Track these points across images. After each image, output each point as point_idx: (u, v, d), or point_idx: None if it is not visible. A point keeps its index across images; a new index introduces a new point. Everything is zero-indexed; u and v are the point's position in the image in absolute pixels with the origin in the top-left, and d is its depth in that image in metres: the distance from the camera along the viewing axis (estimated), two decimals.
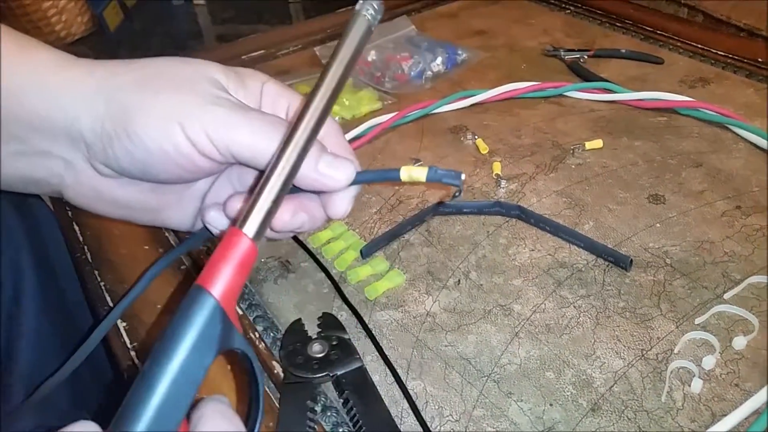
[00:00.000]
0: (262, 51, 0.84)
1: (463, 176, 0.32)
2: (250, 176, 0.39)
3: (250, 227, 0.28)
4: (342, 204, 0.35)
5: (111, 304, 0.47)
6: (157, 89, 0.32)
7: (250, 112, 0.33)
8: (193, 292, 0.26)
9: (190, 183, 0.38)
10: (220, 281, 0.26)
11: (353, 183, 0.35)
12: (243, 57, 0.83)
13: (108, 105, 0.32)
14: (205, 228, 0.39)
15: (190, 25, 3.11)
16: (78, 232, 0.55)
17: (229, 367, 0.41)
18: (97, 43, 2.84)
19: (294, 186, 0.33)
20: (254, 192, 0.30)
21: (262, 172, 0.31)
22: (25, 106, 0.32)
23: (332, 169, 0.33)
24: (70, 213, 0.57)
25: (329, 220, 0.37)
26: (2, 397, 0.47)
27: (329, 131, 0.36)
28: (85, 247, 0.53)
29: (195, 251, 0.50)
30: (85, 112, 0.32)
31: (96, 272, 0.51)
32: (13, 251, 0.52)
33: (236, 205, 0.36)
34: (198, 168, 0.33)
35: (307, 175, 0.33)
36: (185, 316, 0.25)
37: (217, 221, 0.37)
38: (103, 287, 0.49)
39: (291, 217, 0.35)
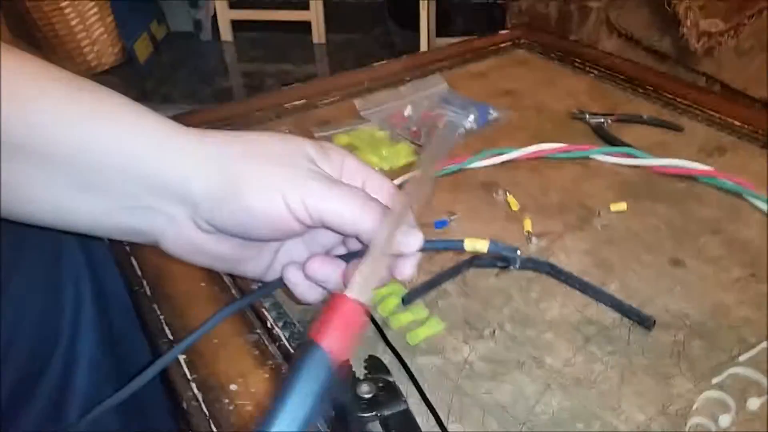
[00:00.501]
0: (304, 100, 0.89)
1: (519, 251, 0.37)
2: (321, 237, 0.44)
3: (355, 291, 0.33)
4: (410, 267, 0.40)
5: (170, 337, 0.51)
6: (263, 161, 0.37)
7: (340, 185, 0.38)
8: (312, 348, 0.30)
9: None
10: (332, 339, 0.30)
11: (422, 250, 0.39)
12: (285, 105, 0.88)
13: (220, 171, 0.37)
14: (281, 280, 0.43)
15: (217, 61, 3.21)
16: (136, 266, 0.59)
17: None
18: (127, 74, 2.93)
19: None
20: (361, 262, 0.35)
21: (363, 245, 0.37)
22: (141, 168, 0.36)
23: (408, 237, 0.39)
24: (128, 248, 0.62)
25: (393, 280, 0.42)
26: (58, 423, 0.51)
27: (396, 203, 0.41)
28: (144, 281, 0.57)
29: (247, 290, 0.55)
30: (198, 176, 0.37)
31: (155, 306, 0.55)
32: (74, 282, 0.56)
33: (315, 266, 0.41)
34: (290, 230, 0.38)
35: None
36: (305, 369, 0.29)
37: (296, 277, 0.42)
38: (162, 320, 0.53)
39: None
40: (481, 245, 0.38)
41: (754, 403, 0.44)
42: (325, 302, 0.34)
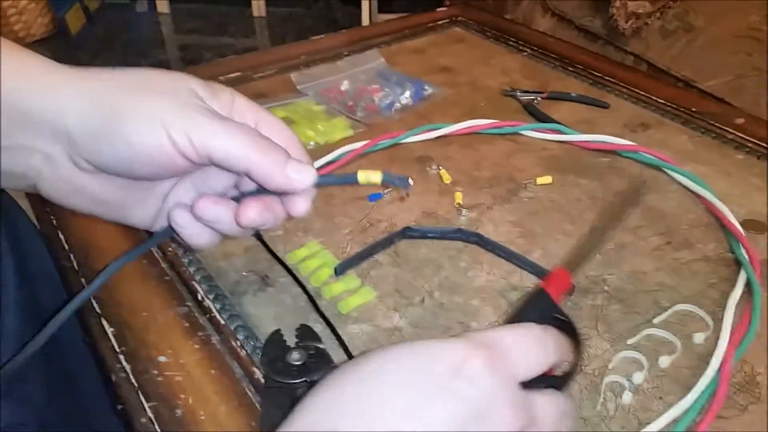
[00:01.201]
0: (239, 73, 0.88)
1: (411, 181, 0.38)
2: (212, 180, 0.42)
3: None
4: (303, 203, 0.40)
5: (99, 311, 0.51)
6: (143, 93, 0.35)
7: (227, 120, 0.37)
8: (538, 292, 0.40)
9: (157, 182, 0.41)
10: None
11: (317, 185, 0.39)
12: (220, 78, 0.87)
13: (95, 103, 0.35)
14: (170, 227, 0.41)
15: (154, 33, 3.12)
16: (63, 240, 0.58)
17: (212, 372, 0.45)
18: (58, 46, 2.82)
19: (261, 188, 0.38)
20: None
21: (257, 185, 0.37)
22: (12, 104, 0.34)
23: (298, 173, 0.37)
24: (54, 221, 0.60)
25: (289, 218, 0.41)
26: None
27: (290, 143, 0.40)
28: (71, 255, 0.56)
29: (177, 264, 0.54)
30: (73, 109, 0.34)
31: (83, 280, 0.54)
32: None
33: (205, 205, 0.38)
34: (176, 167, 0.36)
35: (276, 178, 0.37)
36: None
37: (183, 219, 0.40)
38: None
39: (258, 215, 0.39)
40: (375, 177, 0.38)
41: (664, 361, 0.47)
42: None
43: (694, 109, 0.79)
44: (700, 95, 0.84)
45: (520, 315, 0.40)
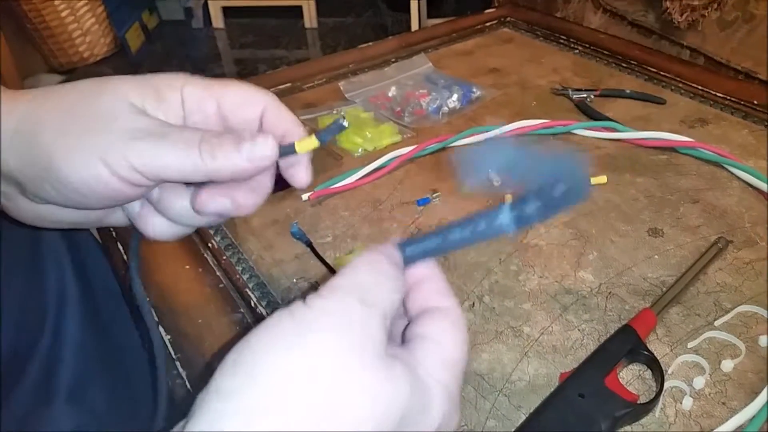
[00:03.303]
0: (289, 84, 0.90)
1: (345, 123, 0.35)
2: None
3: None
4: (302, 174, 0.37)
5: (156, 319, 0.52)
6: (77, 131, 0.33)
7: (170, 135, 0.34)
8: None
9: None
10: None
11: (282, 154, 0.35)
12: (271, 89, 0.88)
13: (31, 150, 0.33)
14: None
15: (210, 48, 3.20)
16: (122, 251, 0.60)
17: None
18: (119, 65, 2.93)
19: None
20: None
21: None
22: None
23: (252, 153, 0.34)
24: (113, 233, 0.62)
25: (256, 206, 0.38)
26: (46, 404, 0.52)
27: (254, 105, 0.37)
28: None
29: (231, 272, 0.56)
30: (12, 155, 0.34)
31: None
32: (56, 265, 0.57)
33: (204, 198, 0.36)
34: (127, 196, 0.35)
35: (240, 169, 0.34)
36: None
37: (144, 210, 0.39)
38: (149, 303, 0.54)
39: (212, 201, 0.36)
40: (310, 141, 0.35)
41: (727, 365, 0.45)
42: None
43: (755, 102, 0.76)
44: (762, 87, 0.81)
45: (606, 348, 0.45)
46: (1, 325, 0.46)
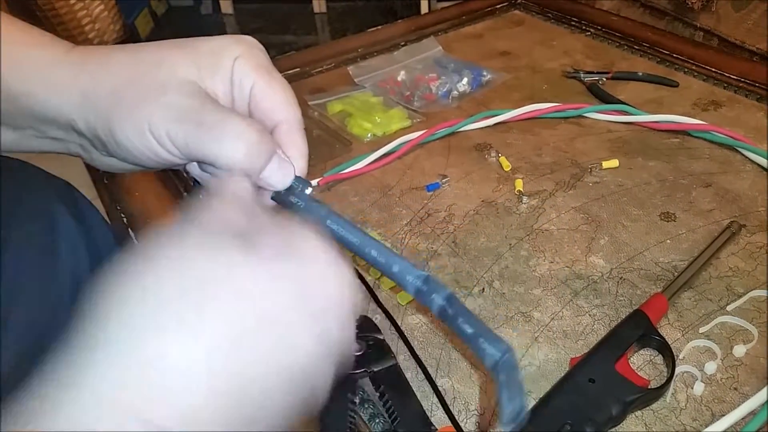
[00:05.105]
0: (297, 69, 0.89)
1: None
2: None
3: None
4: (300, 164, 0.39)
5: None
6: (133, 101, 0.36)
7: (210, 128, 0.35)
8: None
9: None
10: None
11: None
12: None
13: (93, 112, 0.37)
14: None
15: (219, 34, 3.17)
16: (133, 237, 0.60)
17: None
18: None
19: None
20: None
21: None
22: (32, 105, 0.37)
23: (271, 178, 0.36)
24: (125, 220, 0.63)
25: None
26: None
27: (285, 115, 0.38)
28: None
29: None
30: (79, 118, 0.37)
31: None
32: (71, 252, 0.57)
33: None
34: (173, 164, 0.38)
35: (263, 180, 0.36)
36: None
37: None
38: None
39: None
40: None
41: (739, 350, 0.44)
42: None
43: None
44: None
45: (617, 333, 0.45)
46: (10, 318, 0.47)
